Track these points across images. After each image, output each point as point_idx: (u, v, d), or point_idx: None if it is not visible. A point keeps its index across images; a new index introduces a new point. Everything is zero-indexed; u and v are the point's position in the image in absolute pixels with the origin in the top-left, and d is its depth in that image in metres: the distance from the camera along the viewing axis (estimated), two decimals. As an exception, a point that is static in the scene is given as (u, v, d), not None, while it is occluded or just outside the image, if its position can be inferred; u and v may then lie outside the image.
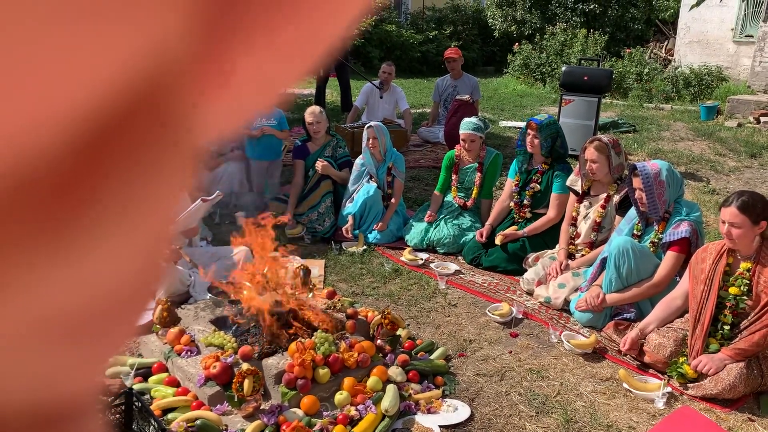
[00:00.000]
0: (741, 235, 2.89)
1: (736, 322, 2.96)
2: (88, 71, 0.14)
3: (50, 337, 0.15)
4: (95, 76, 0.14)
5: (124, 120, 0.14)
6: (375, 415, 2.57)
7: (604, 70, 7.18)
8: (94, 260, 0.14)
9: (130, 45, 0.14)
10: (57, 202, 0.13)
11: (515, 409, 2.75)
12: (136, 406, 2.41)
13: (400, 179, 4.80)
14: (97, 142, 0.14)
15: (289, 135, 5.81)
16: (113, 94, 0.14)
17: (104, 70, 0.14)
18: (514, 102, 11.52)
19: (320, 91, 8.50)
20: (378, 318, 3.12)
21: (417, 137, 7.80)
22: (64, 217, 0.13)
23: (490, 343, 3.31)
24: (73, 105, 0.13)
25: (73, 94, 0.13)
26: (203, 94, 0.16)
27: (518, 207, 4.43)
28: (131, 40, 0.14)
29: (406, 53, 16.18)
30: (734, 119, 9.78)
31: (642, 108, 11.13)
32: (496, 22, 16.90)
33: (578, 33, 13.93)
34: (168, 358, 2.85)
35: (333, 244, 4.57)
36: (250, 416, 2.52)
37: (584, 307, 3.49)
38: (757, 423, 2.74)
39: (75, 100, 0.13)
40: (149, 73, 0.14)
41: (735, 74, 13.03)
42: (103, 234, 0.14)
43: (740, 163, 7.29)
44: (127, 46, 0.14)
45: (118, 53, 0.14)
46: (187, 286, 3.57)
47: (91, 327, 0.16)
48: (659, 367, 3.08)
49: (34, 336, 0.15)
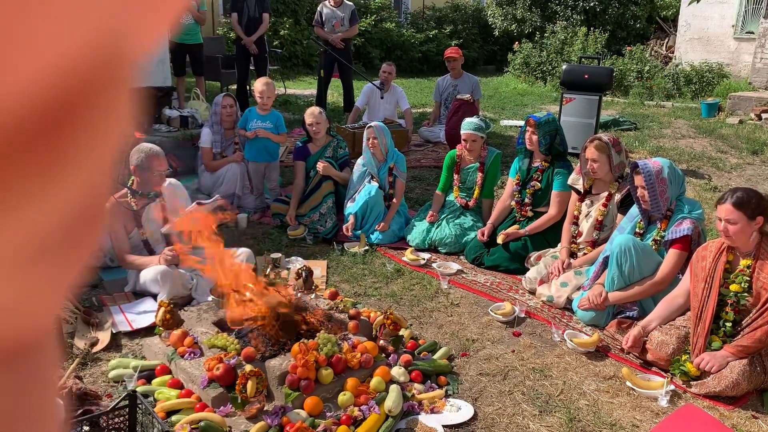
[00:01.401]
0: (738, 232, 2.89)
1: (738, 319, 2.96)
2: (57, 39, 0.16)
3: (21, 262, 0.17)
4: (63, 44, 0.16)
5: (83, 86, 0.17)
6: (378, 415, 2.57)
7: (605, 68, 7.18)
8: (56, 192, 0.17)
9: (96, 16, 0.16)
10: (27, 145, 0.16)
11: (518, 408, 2.76)
12: (140, 408, 2.41)
13: (401, 179, 4.81)
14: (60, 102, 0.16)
15: (287, 137, 5.81)
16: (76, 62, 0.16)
17: (72, 40, 0.16)
18: (514, 101, 11.51)
19: (321, 92, 8.51)
20: (380, 318, 3.12)
21: (418, 137, 7.80)
22: (34, 157, 0.16)
23: (493, 342, 3.31)
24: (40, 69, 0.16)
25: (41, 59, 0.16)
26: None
27: (519, 206, 4.43)
28: (99, 10, 0.16)
29: (407, 53, 16.17)
30: (735, 116, 9.77)
31: (643, 106, 11.12)
32: (497, 20, 16.89)
33: (578, 31, 13.92)
34: (171, 360, 2.86)
35: (335, 244, 4.57)
36: (253, 417, 2.53)
37: (587, 305, 3.49)
38: (761, 420, 2.74)
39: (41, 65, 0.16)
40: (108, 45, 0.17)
41: (736, 71, 13.01)
42: (63, 170, 0.17)
43: (742, 160, 7.28)
44: (95, 17, 0.16)
45: (86, 24, 0.16)
46: (189, 289, 3.58)
47: (54, 252, 0.17)
48: (662, 365, 3.08)
49: (9, 261, 0.17)
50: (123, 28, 0.17)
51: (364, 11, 15.55)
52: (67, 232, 0.18)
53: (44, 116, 0.16)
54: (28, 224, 0.16)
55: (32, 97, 0.16)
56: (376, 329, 3.12)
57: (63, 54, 0.16)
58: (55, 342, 0.21)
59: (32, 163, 0.16)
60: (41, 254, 0.17)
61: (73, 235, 0.18)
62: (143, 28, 0.18)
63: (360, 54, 14.96)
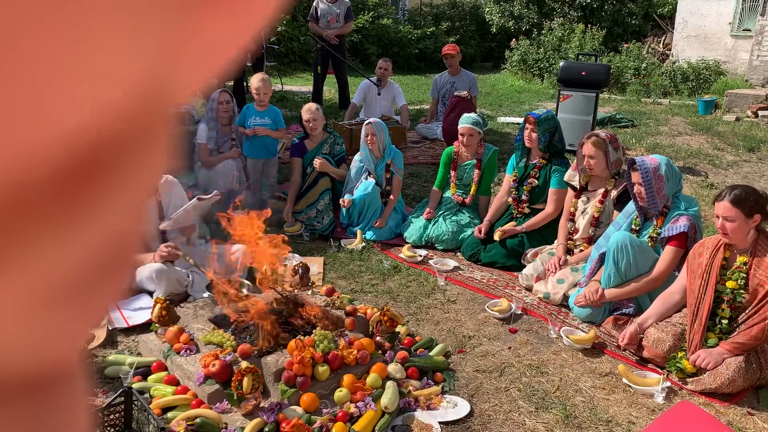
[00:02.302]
0: (735, 229, 2.89)
1: (734, 316, 2.96)
2: (99, 88, 0.16)
3: (45, 303, 0.17)
4: (104, 94, 0.16)
5: (120, 134, 0.17)
6: (375, 411, 2.57)
7: (602, 65, 7.17)
8: (83, 238, 0.17)
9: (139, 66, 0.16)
10: (57, 194, 0.16)
11: (515, 405, 2.76)
12: (136, 405, 2.41)
13: (398, 176, 4.80)
14: (95, 152, 0.16)
15: (285, 133, 5.80)
16: (117, 111, 0.16)
17: (113, 90, 0.16)
18: (512, 98, 11.51)
19: (318, 89, 8.49)
20: (377, 315, 3.12)
21: (415, 134, 7.79)
22: (63, 205, 0.16)
23: (489, 339, 3.31)
24: (80, 120, 0.16)
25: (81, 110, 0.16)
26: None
27: (516, 202, 4.43)
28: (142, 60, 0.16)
29: (404, 50, 16.16)
30: (732, 113, 9.78)
31: (640, 103, 11.13)
32: (494, 17, 16.88)
33: (576, 28, 13.91)
34: (167, 356, 2.85)
35: (332, 241, 4.57)
36: (249, 414, 2.52)
37: (583, 302, 3.49)
38: (756, 417, 2.74)
39: (81, 116, 0.16)
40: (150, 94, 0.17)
41: (733, 68, 13.02)
42: (91, 217, 0.17)
43: (738, 157, 7.29)
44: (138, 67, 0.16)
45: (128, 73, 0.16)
46: (185, 286, 3.57)
47: (78, 294, 0.18)
48: (658, 362, 3.08)
49: (34, 302, 0.17)
50: (168, 75, 0.17)
51: (362, 7, 15.52)
52: (93, 274, 0.18)
53: (79, 165, 0.16)
54: (52, 266, 0.17)
55: (69, 146, 0.16)
56: (373, 326, 3.12)
57: (105, 102, 0.16)
58: (84, 375, 0.21)
59: (61, 209, 0.16)
60: (67, 294, 0.18)
61: (100, 276, 0.18)
62: (189, 74, 0.18)
63: (357, 50, 14.95)
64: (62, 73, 0.15)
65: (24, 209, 0.16)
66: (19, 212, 0.16)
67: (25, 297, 0.17)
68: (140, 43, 0.16)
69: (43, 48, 0.14)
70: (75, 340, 0.19)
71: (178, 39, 0.17)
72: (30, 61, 0.14)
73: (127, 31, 0.15)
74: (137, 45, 0.16)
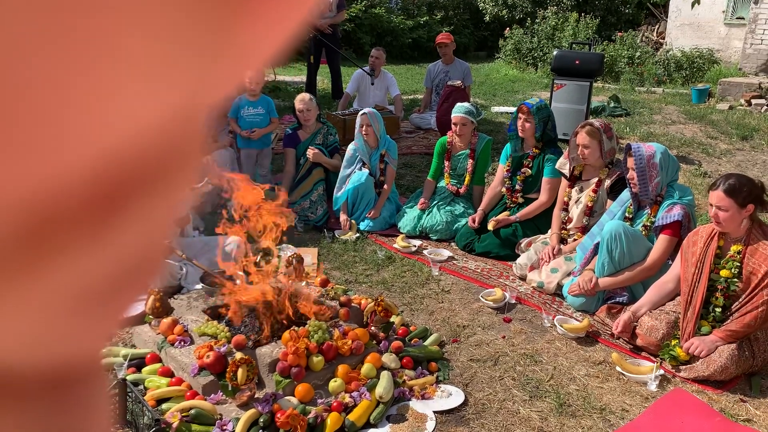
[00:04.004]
0: (728, 218, 2.90)
1: (728, 304, 2.98)
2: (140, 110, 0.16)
3: (72, 309, 0.18)
4: (145, 115, 0.16)
5: (157, 154, 0.17)
6: (369, 401, 2.58)
7: (596, 54, 7.16)
8: (112, 251, 0.18)
9: (179, 88, 0.17)
10: (93, 209, 0.17)
11: (509, 394, 2.77)
12: (130, 396, 2.40)
13: (392, 166, 4.79)
14: (133, 170, 0.17)
15: (279, 123, 5.77)
16: (155, 132, 0.17)
17: (154, 111, 0.16)
18: (505, 87, 11.49)
19: (311, 79, 8.45)
20: (371, 305, 3.12)
21: (409, 123, 7.77)
22: (97, 219, 0.17)
23: (484, 328, 3.32)
24: (111, 146, 0.16)
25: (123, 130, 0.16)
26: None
27: (510, 192, 4.43)
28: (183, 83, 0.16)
29: (397, 39, 16.08)
30: (726, 102, 9.79)
31: (634, 92, 11.12)
32: (487, 6, 16.81)
33: (569, 17, 13.88)
34: (161, 348, 2.85)
35: (326, 232, 4.56)
36: (244, 405, 2.53)
37: (577, 291, 3.50)
38: (749, 404, 2.76)
39: (123, 135, 0.16)
40: (186, 113, 0.17)
41: (726, 57, 13.02)
42: (123, 232, 0.18)
43: (732, 145, 7.31)
44: (177, 90, 0.17)
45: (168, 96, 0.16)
46: (178, 279, 3.56)
47: (103, 301, 0.19)
48: (652, 350, 3.09)
49: (61, 308, 0.18)
50: (204, 92, 0.17)
51: (355, -4, 15.43)
52: (119, 282, 0.19)
53: (116, 183, 0.17)
54: (81, 275, 0.17)
55: (109, 164, 0.16)
56: (367, 316, 3.12)
57: (145, 123, 0.16)
58: (105, 376, 0.22)
59: (95, 222, 0.17)
60: (93, 301, 0.18)
61: (125, 285, 0.19)
62: (222, 83, 0.18)
63: (350, 40, 14.86)
64: (107, 95, 0.15)
65: (59, 221, 0.16)
66: (54, 224, 0.16)
67: (53, 303, 0.18)
68: (181, 66, 0.16)
69: (92, 71, 0.15)
70: (98, 343, 0.21)
71: (215, 54, 0.17)
72: (77, 82, 0.15)
73: (169, 56, 0.16)
74: (179, 68, 0.16)
